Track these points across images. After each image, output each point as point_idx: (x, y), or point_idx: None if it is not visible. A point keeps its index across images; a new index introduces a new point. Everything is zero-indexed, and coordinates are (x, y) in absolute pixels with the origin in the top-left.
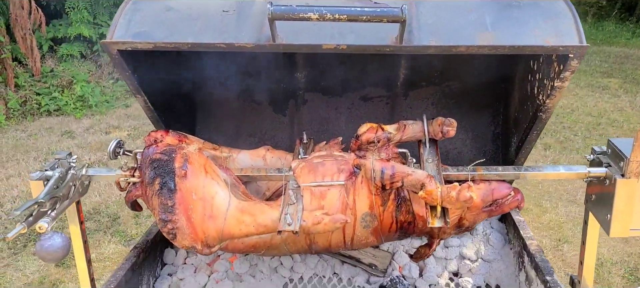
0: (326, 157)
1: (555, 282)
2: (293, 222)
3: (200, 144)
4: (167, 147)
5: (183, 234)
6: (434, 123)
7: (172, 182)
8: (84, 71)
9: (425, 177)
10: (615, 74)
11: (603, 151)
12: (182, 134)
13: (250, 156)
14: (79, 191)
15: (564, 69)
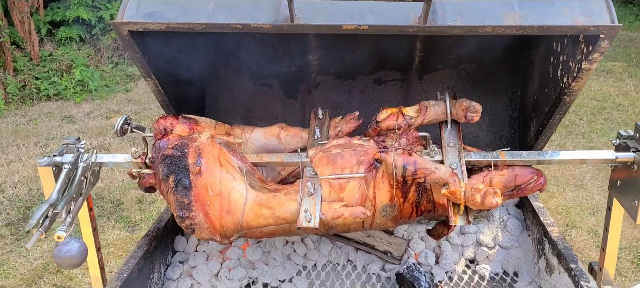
0: (345, 147)
1: (580, 269)
2: (312, 219)
3: (212, 128)
4: (178, 142)
5: (201, 229)
6: (457, 105)
7: (186, 179)
8: (83, 55)
9: (449, 175)
10: (620, 58)
11: (630, 135)
12: (192, 119)
13: (264, 135)
14: (91, 182)
15: (593, 50)
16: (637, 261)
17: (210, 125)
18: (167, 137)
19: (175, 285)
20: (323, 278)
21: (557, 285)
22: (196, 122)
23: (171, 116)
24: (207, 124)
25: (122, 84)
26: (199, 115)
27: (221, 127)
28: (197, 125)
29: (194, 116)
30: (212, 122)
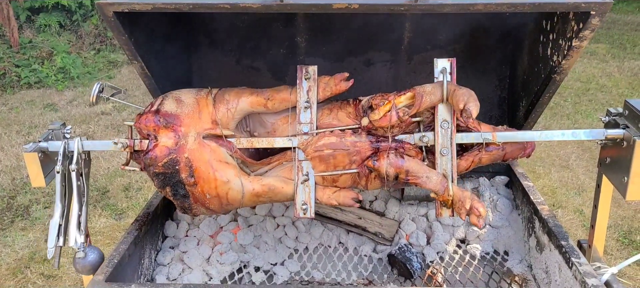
0: (337, 147)
1: (571, 246)
2: (308, 208)
3: (196, 117)
4: (167, 159)
5: (204, 214)
6: (455, 96)
7: (183, 190)
8: (64, 42)
9: (439, 183)
10: (603, 39)
11: (619, 112)
12: (173, 117)
13: (250, 106)
14: (85, 173)
15: (583, 27)
16: (622, 239)
17: (194, 113)
18: (153, 151)
19: (166, 270)
20: (315, 261)
21: (547, 263)
22: (178, 118)
23: (149, 114)
24: (190, 114)
25: (105, 71)
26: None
27: (206, 111)
28: (181, 124)
29: (174, 110)
30: (195, 105)
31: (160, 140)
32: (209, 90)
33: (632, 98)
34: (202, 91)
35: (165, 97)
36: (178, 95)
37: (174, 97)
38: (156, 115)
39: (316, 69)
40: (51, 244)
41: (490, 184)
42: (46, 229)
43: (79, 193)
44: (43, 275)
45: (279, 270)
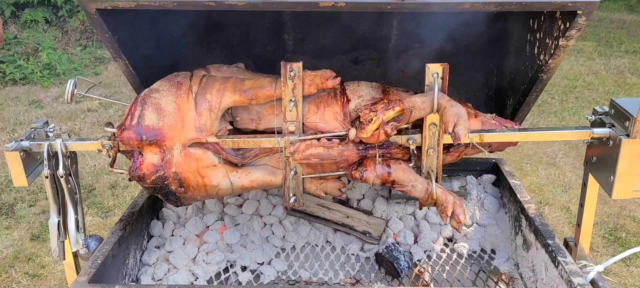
0: (324, 157)
1: (557, 245)
2: (297, 198)
3: (180, 127)
4: (155, 177)
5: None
6: (445, 115)
7: (173, 196)
8: (49, 38)
9: (424, 192)
10: (590, 37)
11: (605, 111)
12: (156, 133)
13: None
14: (74, 171)
15: (570, 26)
16: (608, 236)
17: (177, 123)
18: (140, 169)
19: (151, 270)
20: (302, 260)
21: (534, 262)
22: (161, 133)
23: (131, 131)
24: (173, 125)
25: (92, 67)
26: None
27: (188, 118)
28: (165, 138)
29: (155, 124)
30: (176, 113)
31: (145, 157)
32: (188, 88)
33: (618, 96)
34: (181, 89)
35: (144, 105)
36: (157, 101)
37: (153, 105)
38: (138, 132)
39: (301, 66)
40: (54, 245)
41: (477, 182)
42: (31, 228)
43: (72, 195)
44: (28, 274)
45: (266, 270)
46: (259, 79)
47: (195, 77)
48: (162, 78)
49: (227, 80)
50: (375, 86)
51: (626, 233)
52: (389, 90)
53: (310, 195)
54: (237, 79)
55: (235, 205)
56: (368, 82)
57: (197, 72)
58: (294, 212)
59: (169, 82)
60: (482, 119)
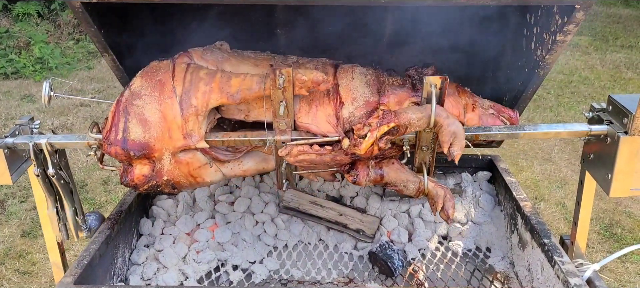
0: (317, 163)
1: (554, 244)
2: (291, 182)
3: (166, 137)
4: (148, 186)
5: None
6: (441, 133)
7: (167, 193)
8: (42, 31)
9: (415, 191)
10: (585, 32)
11: (603, 108)
12: (144, 146)
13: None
14: (64, 164)
15: (568, 21)
16: (604, 232)
17: (163, 134)
18: (131, 180)
19: (140, 269)
20: (294, 259)
21: (530, 260)
22: (149, 146)
23: (118, 147)
24: (160, 137)
25: (84, 61)
26: None
27: (174, 127)
28: (153, 151)
29: (141, 137)
30: (162, 122)
31: (135, 169)
32: (172, 90)
33: (613, 91)
34: (164, 93)
35: (127, 116)
36: (141, 110)
37: (137, 116)
38: (125, 147)
39: (291, 71)
40: (57, 231)
41: (472, 180)
42: (22, 224)
43: (66, 190)
44: (18, 272)
45: (258, 269)
46: (246, 76)
47: (178, 70)
48: (142, 72)
49: (213, 79)
50: (370, 81)
51: (621, 229)
52: (385, 87)
53: (304, 192)
54: (223, 76)
55: (226, 203)
56: (362, 71)
57: (178, 61)
58: (287, 210)
59: (149, 81)
60: (479, 113)
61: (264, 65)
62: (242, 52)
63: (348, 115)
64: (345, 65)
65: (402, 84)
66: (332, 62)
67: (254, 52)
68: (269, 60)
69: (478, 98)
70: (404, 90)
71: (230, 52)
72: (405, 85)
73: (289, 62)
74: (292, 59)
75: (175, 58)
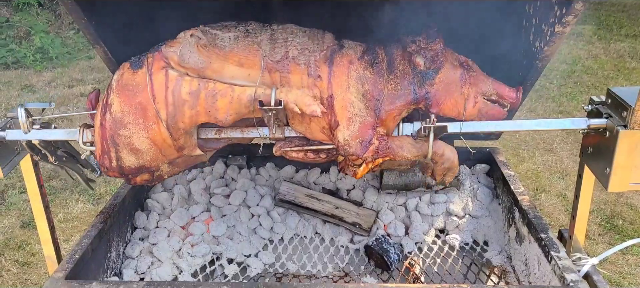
0: (309, 160)
1: (551, 239)
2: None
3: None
4: (151, 185)
5: None
6: (436, 167)
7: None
8: (42, 21)
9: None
10: (589, 21)
11: (602, 101)
12: (139, 170)
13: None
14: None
15: (566, 12)
16: (604, 224)
17: (156, 155)
18: (135, 184)
19: (134, 263)
20: (290, 252)
21: (527, 255)
22: (145, 167)
23: (115, 173)
24: (154, 158)
25: (85, 51)
26: None
27: (166, 146)
28: (149, 167)
29: (136, 163)
30: (152, 147)
31: (136, 178)
32: (155, 115)
33: (617, 80)
34: (149, 119)
35: (116, 146)
36: (129, 141)
37: (127, 146)
38: (121, 172)
39: (282, 106)
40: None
41: (470, 172)
42: (22, 215)
43: (70, 161)
44: (17, 263)
45: (253, 262)
46: (233, 98)
47: (157, 86)
48: (117, 87)
49: (198, 101)
50: (368, 93)
51: (623, 221)
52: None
53: (300, 186)
54: (208, 97)
55: (222, 196)
56: (360, 75)
57: (155, 70)
58: (283, 203)
59: (129, 105)
60: (480, 106)
61: (250, 62)
62: (222, 44)
63: (343, 141)
64: (341, 58)
65: (403, 75)
66: (325, 55)
67: (236, 36)
68: (255, 51)
69: (483, 80)
70: (404, 96)
71: (209, 49)
72: (406, 78)
73: (278, 56)
74: (280, 44)
75: (151, 66)
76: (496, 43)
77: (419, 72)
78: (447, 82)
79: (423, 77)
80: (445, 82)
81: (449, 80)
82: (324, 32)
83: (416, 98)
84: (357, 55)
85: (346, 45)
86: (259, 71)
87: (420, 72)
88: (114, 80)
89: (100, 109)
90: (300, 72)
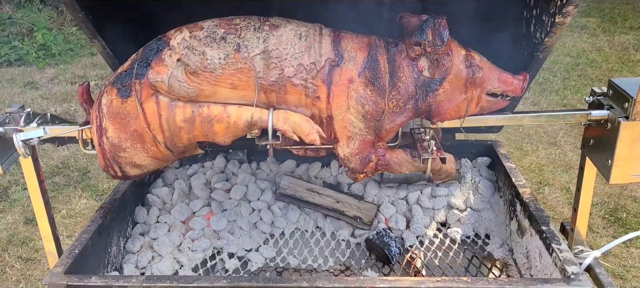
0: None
1: (552, 232)
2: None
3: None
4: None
5: None
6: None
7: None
8: (44, 18)
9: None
10: (594, 13)
11: (604, 92)
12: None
13: None
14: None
15: (567, 2)
16: (608, 217)
17: (160, 164)
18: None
19: (135, 258)
20: (291, 246)
21: (528, 247)
22: (149, 173)
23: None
24: (157, 165)
25: (87, 48)
26: None
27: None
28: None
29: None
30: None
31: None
32: (153, 140)
33: (622, 73)
34: (146, 143)
35: (119, 163)
36: (131, 159)
37: (129, 163)
38: (128, 180)
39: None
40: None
41: (472, 165)
42: (26, 211)
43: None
44: (21, 259)
45: (254, 257)
46: (230, 122)
47: (150, 116)
48: (109, 114)
49: (193, 126)
50: (368, 113)
51: (627, 213)
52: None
53: (301, 180)
54: (203, 122)
55: (222, 191)
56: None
57: (145, 99)
58: (283, 197)
59: (124, 132)
60: (483, 104)
61: (244, 84)
62: (212, 67)
63: (342, 156)
64: (340, 76)
65: (406, 88)
66: (323, 73)
67: (226, 54)
68: (248, 72)
69: (488, 79)
70: (406, 113)
71: (199, 74)
72: (409, 92)
73: (273, 76)
74: (274, 63)
75: (140, 94)
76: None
77: (423, 81)
78: (452, 90)
79: (427, 87)
80: (449, 91)
81: (454, 88)
82: (321, 31)
83: (418, 112)
84: (358, 71)
85: (345, 54)
86: (254, 92)
87: (423, 81)
88: (103, 104)
89: (95, 129)
90: (297, 93)
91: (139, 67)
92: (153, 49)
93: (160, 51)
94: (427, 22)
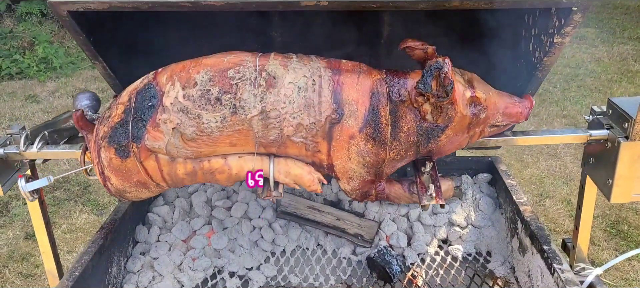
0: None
1: (553, 251)
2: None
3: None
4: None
5: None
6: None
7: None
8: (46, 31)
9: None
10: (592, 24)
11: (603, 111)
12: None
13: None
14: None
15: (565, 23)
16: (610, 229)
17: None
18: None
19: (136, 278)
20: (292, 264)
21: (530, 266)
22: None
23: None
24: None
25: (88, 61)
26: None
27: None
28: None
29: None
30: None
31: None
32: (157, 185)
33: (621, 84)
34: (150, 187)
35: (126, 197)
36: (135, 196)
37: (134, 197)
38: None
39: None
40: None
41: (472, 182)
42: (26, 226)
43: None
44: (21, 275)
45: (255, 275)
46: (231, 172)
47: (151, 171)
48: (110, 168)
49: (196, 177)
50: (369, 163)
51: (628, 226)
52: (385, 165)
53: (301, 197)
54: (206, 174)
55: (223, 209)
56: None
57: (144, 157)
58: (284, 215)
59: (129, 182)
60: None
61: (243, 142)
62: (209, 131)
63: (343, 189)
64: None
65: (408, 138)
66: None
67: (223, 117)
68: (247, 133)
69: (493, 115)
70: (406, 159)
71: (196, 139)
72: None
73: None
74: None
75: (139, 155)
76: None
77: (425, 129)
78: (454, 134)
79: (429, 134)
80: (452, 135)
81: (457, 131)
82: (320, 82)
83: (419, 155)
84: (358, 127)
85: (346, 108)
86: (253, 148)
87: (426, 129)
88: (103, 158)
89: (98, 171)
90: (297, 148)
91: (134, 127)
92: (145, 105)
93: (154, 108)
94: (430, 72)
